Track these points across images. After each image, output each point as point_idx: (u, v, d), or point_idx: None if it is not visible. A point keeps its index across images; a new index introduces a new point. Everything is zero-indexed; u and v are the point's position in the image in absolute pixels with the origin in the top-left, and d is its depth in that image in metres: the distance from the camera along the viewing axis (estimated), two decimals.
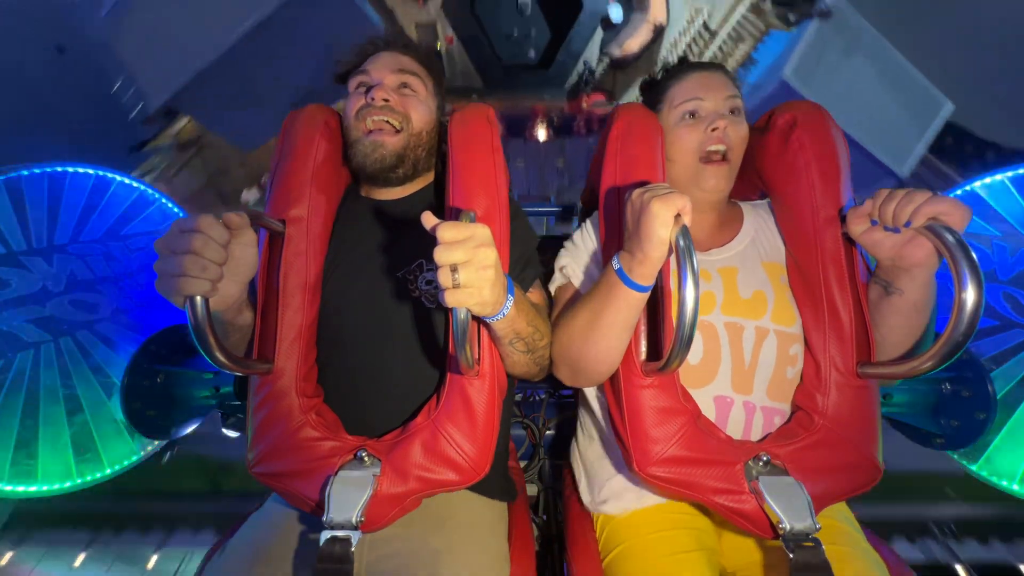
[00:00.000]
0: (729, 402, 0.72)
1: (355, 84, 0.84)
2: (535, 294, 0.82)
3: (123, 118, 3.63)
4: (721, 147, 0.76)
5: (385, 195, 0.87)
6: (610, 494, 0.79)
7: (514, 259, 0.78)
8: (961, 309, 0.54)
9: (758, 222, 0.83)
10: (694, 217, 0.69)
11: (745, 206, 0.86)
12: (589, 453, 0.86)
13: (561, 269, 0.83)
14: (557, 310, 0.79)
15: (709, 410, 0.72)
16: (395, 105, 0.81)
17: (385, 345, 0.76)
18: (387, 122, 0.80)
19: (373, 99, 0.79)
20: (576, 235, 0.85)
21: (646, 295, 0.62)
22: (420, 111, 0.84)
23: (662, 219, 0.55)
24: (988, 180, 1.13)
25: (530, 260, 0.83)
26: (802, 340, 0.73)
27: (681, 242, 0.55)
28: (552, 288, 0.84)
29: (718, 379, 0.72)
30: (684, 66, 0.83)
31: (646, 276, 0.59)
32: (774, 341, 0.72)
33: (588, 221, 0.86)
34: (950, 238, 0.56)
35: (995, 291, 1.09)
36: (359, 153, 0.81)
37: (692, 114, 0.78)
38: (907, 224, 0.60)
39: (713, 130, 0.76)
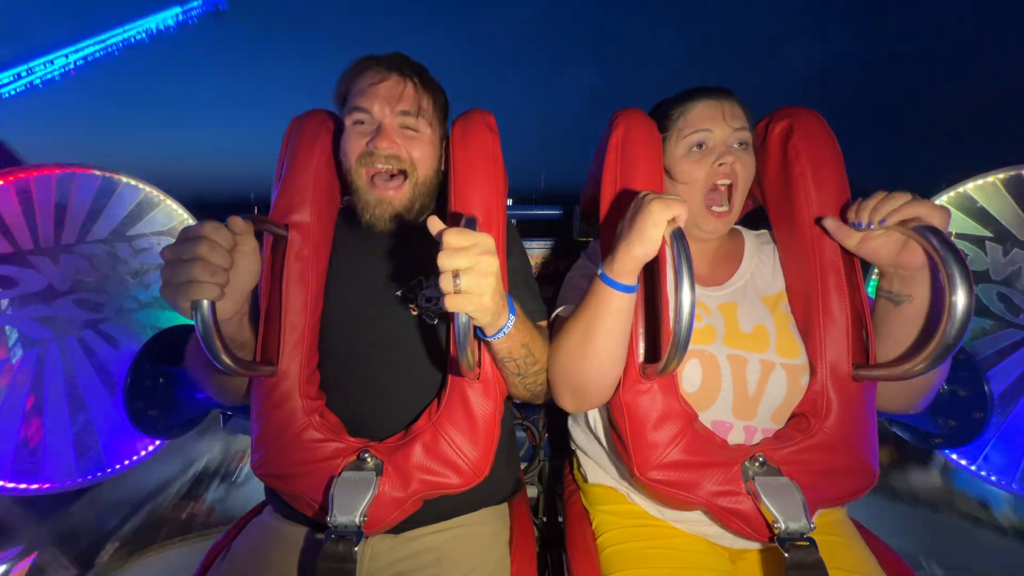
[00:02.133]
0: (728, 426, 0.72)
1: (353, 120, 0.77)
2: (542, 323, 0.81)
3: None
4: (727, 181, 0.76)
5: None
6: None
7: (516, 281, 0.79)
8: (952, 311, 0.55)
9: (758, 255, 0.83)
10: (694, 248, 0.68)
11: (748, 236, 0.86)
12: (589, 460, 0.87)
13: (559, 301, 0.82)
14: (552, 338, 0.77)
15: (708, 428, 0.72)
16: (401, 154, 0.77)
17: (385, 360, 0.77)
18: (392, 174, 0.77)
19: (377, 147, 0.75)
20: (573, 268, 0.85)
21: (632, 297, 0.62)
22: (426, 154, 0.79)
23: (654, 220, 0.56)
24: (980, 181, 1.14)
25: (534, 293, 0.83)
26: (809, 368, 0.72)
27: (675, 243, 0.56)
28: (549, 318, 0.83)
29: (716, 406, 0.72)
30: (694, 92, 0.80)
31: (626, 273, 0.60)
32: (783, 375, 0.72)
33: (585, 252, 0.86)
34: (937, 240, 0.57)
35: (989, 291, 1.10)
36: (364, 207, 0.78)
37: (700, 145, 0.77)
38: (882, 221, 0.61)
39: (720, 165, 0.75)
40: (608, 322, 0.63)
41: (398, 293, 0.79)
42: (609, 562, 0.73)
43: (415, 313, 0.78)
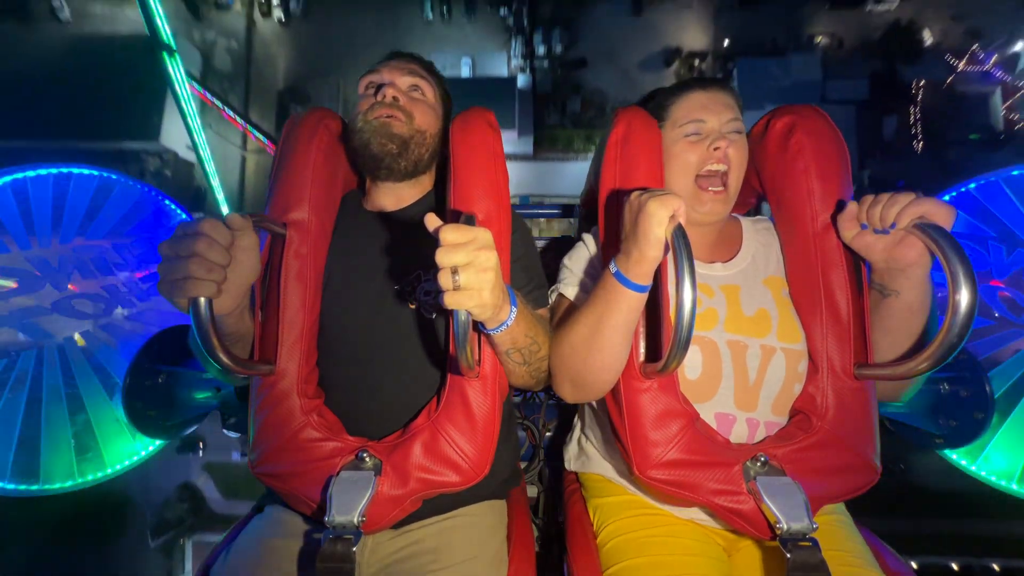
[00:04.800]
0: (731, 419, 0.72)
1: (365, 84, 0.85)
2: (543, 309, 0.82)
3: None
4: (722, 167, 0.76)
5: (385, 200, 0.87)
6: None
7: (517, 269, 0.78)
8: (955, 310, 0.55)
9: (758, 239, 0.83)
10: (693, 233, 0.68)
11: (745, 222, 0.86)
12: (591, 460, 0.87)
13: (558, 284, 0.82)
14: (554, 325, 0.79)
15: (710, 426, 0.71)
16: (404, 104, 0.82)
17: (384, 356, 0.76)
18: (392, 116, 0.81)
19: (384, 96, 0.80)
20: (573, 250, 0.85)
21: (644, 296, 0.62)
22: (425, 112, 0.84)
23: (658, 218, 0.56)
24: (983, 181, 1.14)
25: (539, 280, 0.83)
26: (811, 364, 0.73)
27: (677, 241, 0.56)
28: (550, 301, 0.83)
29: (719, 396, 0.72)
30: (688, 83, 0.82)
31: (643, 275, 0.60)
32: (782, 359, 0.72)
33: (587, 235, 0.86)
34: (942, 238, 0.57)
35: (991, 291, 1.10)
36: (364, 135, 0.80)
37: (694, 134, 0.78)
38: (893, 225, 0.62)
39: (715, 149, 0.75)
40: (619, 319, 0.63)
41: (397, 286, 0.79)
42: (609, 556, 0.73)
43: (413, 308, 0.78)
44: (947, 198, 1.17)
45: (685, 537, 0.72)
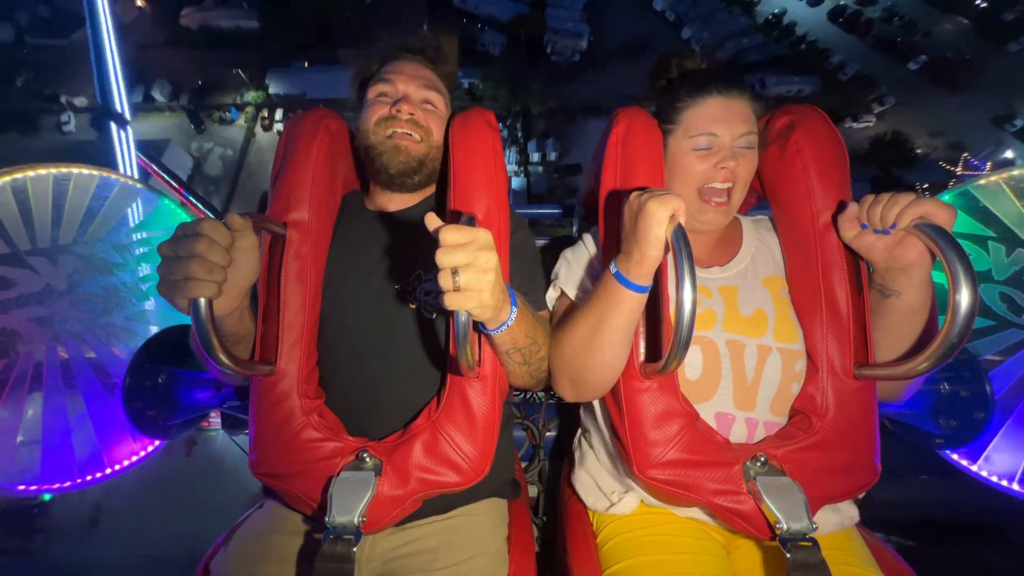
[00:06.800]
0: (731, 419, 0.72)
1: (376, 92, 0.84)
2: (544, 311, 0.82)
3: None
4: (727, 184, 0.75)
5: (389, 204, 0.87)
6: (616, 499, 0.79)
7: (517, 269, 0.78)
8: (955, 310, 0.54)
9: (758, 239, 0.83)
10: (692, 238, 0.68)
11: (745, 221, 0.86)
12: (593, 462, 0.87)
13: (557, 283, 0.82)
14: (554, 324, 0.78)
15: (710, 426, 0.71)
16: (419, 120, 0.82)
17: (384, 355, 0.77)
18: (409, 135, 0.81)
19: (399, 111, 0.80)
20: (573, 248, 0.85)
21: (645, 296, 0.62)
22: (439, 125, 0.85)
23: (657, 219, 0.56)
24: (983, 181, 1.13)
25: (539, 280, 0.83)
26: (806, 355, 0.73)
27: (677, 241, 0.56)
28: (549, 302, 0.83)
29: (719, 395, 0.72)
30: (707, 85, 0.77)
31: (644, 276, 0.60)
32: (778, 359, 0.72)
33: (587, 235, 0.85)
34: (942, 239, 0.57)
35: (991, 291, 1.10)
36: (382, 155, 0.81)
37: (705, 148, 0.76)
38: (894, 226, 0.62)
39: (722, 168, 0.74)
40: (619, 319, 0.63)
41: (397, 286, 0.79)
42: (609, 555, 0.73)
43: (413, 308, 0.78)
44: (947, 198, 1.17)
45: (685, 536, 0.72)
